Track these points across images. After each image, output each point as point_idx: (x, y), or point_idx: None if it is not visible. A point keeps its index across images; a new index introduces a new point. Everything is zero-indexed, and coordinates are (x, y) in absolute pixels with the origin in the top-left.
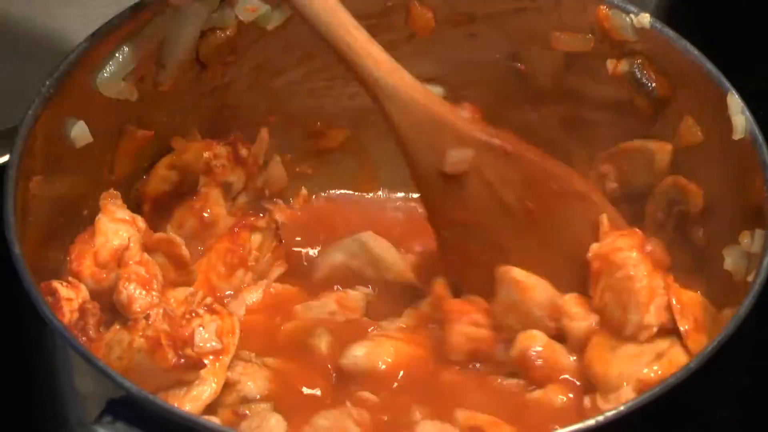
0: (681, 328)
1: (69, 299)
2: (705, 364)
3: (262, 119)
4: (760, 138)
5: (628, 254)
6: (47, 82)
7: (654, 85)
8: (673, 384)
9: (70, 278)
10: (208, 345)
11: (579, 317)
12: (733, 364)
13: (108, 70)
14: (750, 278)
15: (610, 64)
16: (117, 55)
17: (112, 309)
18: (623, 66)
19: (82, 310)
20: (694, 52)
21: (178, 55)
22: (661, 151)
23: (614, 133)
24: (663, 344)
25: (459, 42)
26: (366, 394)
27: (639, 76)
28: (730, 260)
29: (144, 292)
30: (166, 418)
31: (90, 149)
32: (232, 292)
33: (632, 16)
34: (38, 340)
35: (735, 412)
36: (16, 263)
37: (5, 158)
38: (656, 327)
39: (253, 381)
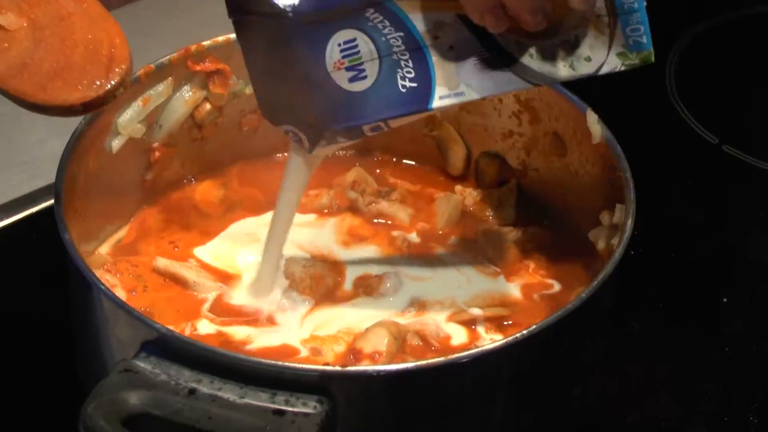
0: None
1: None
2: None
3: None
4: (612, 138)
5: None
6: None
7: None
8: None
9: None
10: None
11: None
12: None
13: (127, 113)
14: (615, 241)
15: None
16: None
17: None
18: None
19: None
20: (558, 85)
21: (175, 120)
22: None
23: None
24: None
25: None
26: None
27: None
28: (593, 236)
29: None
30: (187, 349)
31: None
32: None
33: None
34: (84, 300)
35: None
36: (67, 246)
37: None
38: None
39: None
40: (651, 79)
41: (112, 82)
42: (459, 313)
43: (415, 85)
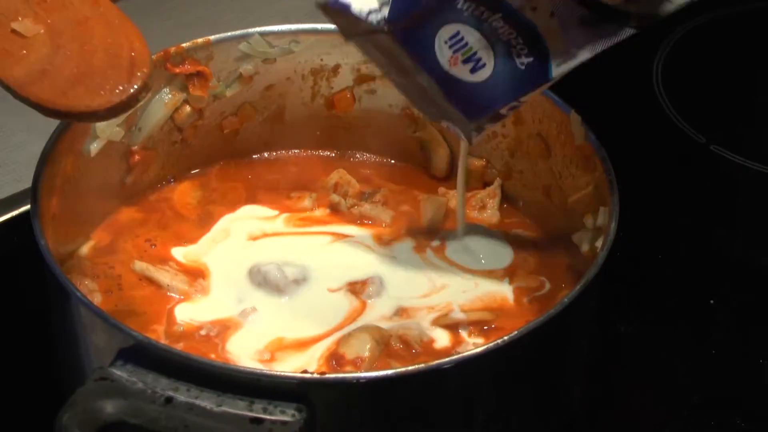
0: None
1: None
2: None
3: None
4: (595, 139)
5: None
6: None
7: None
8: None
9: None
10: None
11: None
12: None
13: None
14: (598, 244)
15: None
16: None
17: None
18: None
19: None
20: None
21: (154, 123)
22: None
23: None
24: None
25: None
26: None
27: None
28: (576, 238)
29: None
30: (165, 357)
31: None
32: None
33: None
34: (62, 308)
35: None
36: (44, 253)
37: None
38: None
39: None
40: (638, 77)
41: (135, 86)
42: (442, 317)
43: (531, 59)
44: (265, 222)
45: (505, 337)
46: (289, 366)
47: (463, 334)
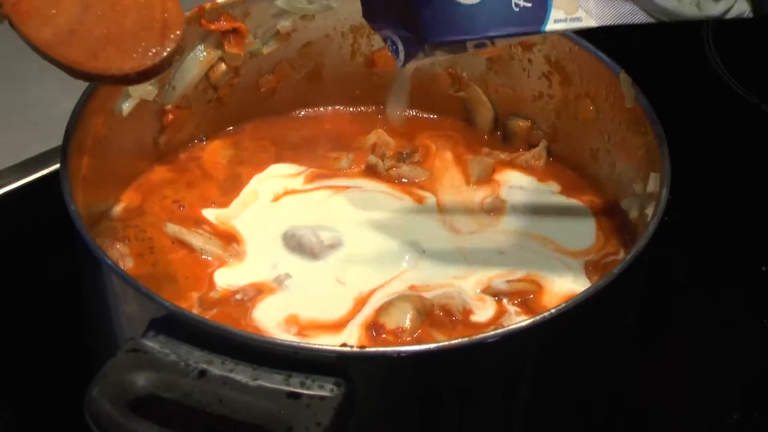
0: None
1: None
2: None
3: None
4: (646, 102)
5: None
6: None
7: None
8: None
9: None
10: None
11: None
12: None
13: None
14: (648, 211)
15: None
16: None
17: None
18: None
19: None
20: (589, 46)
21: (189, 81)
22: None
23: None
24: None
25: None
26: None
27: None
28: (626, 204)
29: None
30: (198, 328)
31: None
32: None
33: None
34: (92, 276)
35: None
36: (73, 218)
37: None
38: None
39: None
40: (687, 35)
41: (168, 50)
42: (486, 287)
43: (529, 5)
44: (296, 180)
45: (553, 310)
46: (326, 337)
47: (507, 304)
